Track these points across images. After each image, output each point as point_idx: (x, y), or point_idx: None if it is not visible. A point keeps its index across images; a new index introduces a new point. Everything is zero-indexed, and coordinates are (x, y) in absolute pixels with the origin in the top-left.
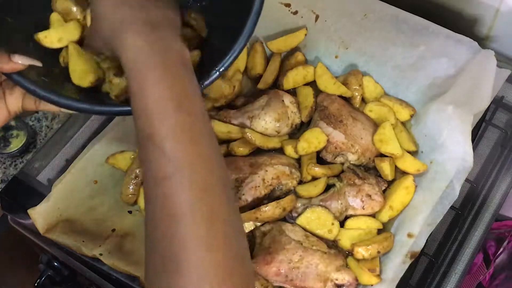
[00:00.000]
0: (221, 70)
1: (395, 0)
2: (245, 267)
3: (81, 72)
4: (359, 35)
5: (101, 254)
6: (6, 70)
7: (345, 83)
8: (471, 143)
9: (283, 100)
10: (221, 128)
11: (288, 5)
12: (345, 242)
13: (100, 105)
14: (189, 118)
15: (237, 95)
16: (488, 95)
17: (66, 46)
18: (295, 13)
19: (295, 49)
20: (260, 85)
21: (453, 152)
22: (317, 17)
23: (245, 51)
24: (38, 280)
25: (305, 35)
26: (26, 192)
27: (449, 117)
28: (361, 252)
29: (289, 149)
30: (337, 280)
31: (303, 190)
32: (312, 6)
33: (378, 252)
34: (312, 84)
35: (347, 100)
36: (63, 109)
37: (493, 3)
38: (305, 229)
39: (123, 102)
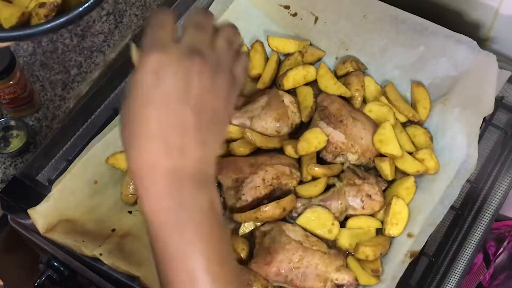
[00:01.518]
0: None
1: (394, 0)
2: None
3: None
4: (358, 36)
5: (101, 254)
6: None
7: (346, 84)
8: (477, 145)
9: (283, 100)
10: None
11: (287, 7)
12: (345, 241)
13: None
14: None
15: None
16: (492, 100)
17: None
18: (295, 15)
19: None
20: (259, 85)
21: (456, 154)
22: (316, 18)
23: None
24: (38, 280)
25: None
26: (26, 192)
27: (455, 119)
28: (366, 252)
29: (289, 149)
30: (337, 280)
31: (303, 190)
32: (311, 7)
33: (381, 253)
34: (312, 84)
35: (347, 100)
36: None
37: (493, 4)
38: (305, 229)
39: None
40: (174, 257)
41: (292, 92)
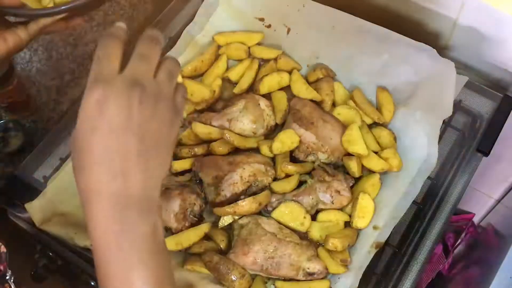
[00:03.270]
0: None
1: (361, 12)
2: None
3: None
4: (328, 46)
5: (92, 245)
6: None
7: (317, 89)
8: (437, 145)
9: (259, 104)
10: (202, 130)
11: (262, 19)
12: (316, 233)
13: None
14: None
15: (217, 99)
16: (451, 104)
17: None
18: (269, 26)
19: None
20: (236, 90)
21: (417, 153)
22: (288, 30)
23: (225, 58)
24: (35, 269)
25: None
26: (24, 188)
27: (417, 121)
28: (335, 243)
29: (264, 149)
30: (308, 269)
31: (278, 186)
32: (284, 20)
33: (349, 244)
34: (286, 89)
35: (318, 104)
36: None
37: (452, 16)
38: (279, 222)
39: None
40: (115, 279)
41: (268, 96)
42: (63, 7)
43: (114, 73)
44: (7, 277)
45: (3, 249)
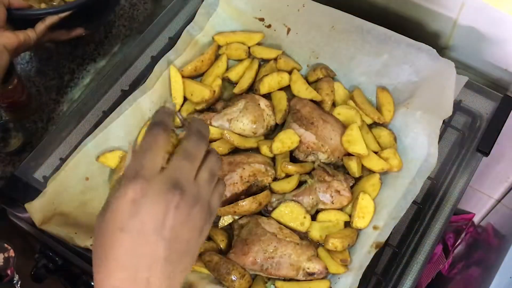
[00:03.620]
0: None
1: (361, 12)
2: None
3: None
4: (328, 46)
5: (92, 245)
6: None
7: (317, 89)
8: (437, 145)
9: (259, 104)
10: None
11: (262, 19)
12: (316, 233)
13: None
14: None
15: (217, 99)
16: (451, 104)
17: None
18: (269, 26)
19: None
20: (236, 90)
21: (417, 153)
22: (288, 30)
23: (225, 58)
24: (34, 269)
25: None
26: (24, 188)
27: (417, 121)
28: (334, 243)
29: (264, 149)
30: (308, 269)
31: (277, 186)
32: (284, 20)
33: (349, 244)
34: (286, 89)
35: (318, 103)
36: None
37: (452, 16)
38: (279, 222)
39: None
40: None
41: (268, 96)
42: (66, 6)
43: (156, 171)
44: (15, 281)
45: (12, 253)
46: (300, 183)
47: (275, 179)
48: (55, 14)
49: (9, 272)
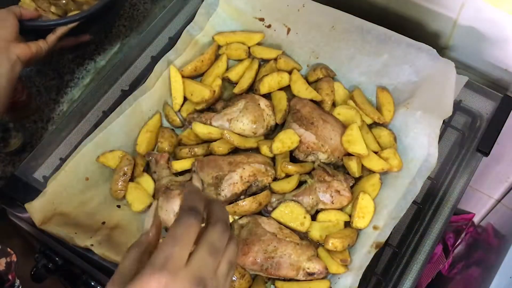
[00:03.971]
0: None
1: (361, 12)
2: None
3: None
4: (328, 45)
5: (92, 245)
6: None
7: (317, 89)
8: (437, 145)
9: (259, 104)
10: (202, 130)
11: (262, 19)
12: (316, 233)
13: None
14: None
15: (217, 99)
16: (451, 104)
17: None
18: (269, 26)
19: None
20: (236, 90)
21: (417, 153)
22: (288, 30)
23: (225, 58)
24: (34, 269)
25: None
26: (23, 188)
27: (417, 121)
28: (334, 243)
29: (264, 149)
30: (308, 269)
31: (277, 186)
32: (284, 20)
33: (349, 244)
34: (286, 89)
35: (318, 103)
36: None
37: (452, 16)
38: (279, 222)
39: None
40: None
41: (268, 96)
42: (74, 17)
43: (182, 263)
44: (16, 286)
45: (14, 258)
46: (300, 183)
47: (275, 179)
48: (64, 25)
49: (10, 277)
